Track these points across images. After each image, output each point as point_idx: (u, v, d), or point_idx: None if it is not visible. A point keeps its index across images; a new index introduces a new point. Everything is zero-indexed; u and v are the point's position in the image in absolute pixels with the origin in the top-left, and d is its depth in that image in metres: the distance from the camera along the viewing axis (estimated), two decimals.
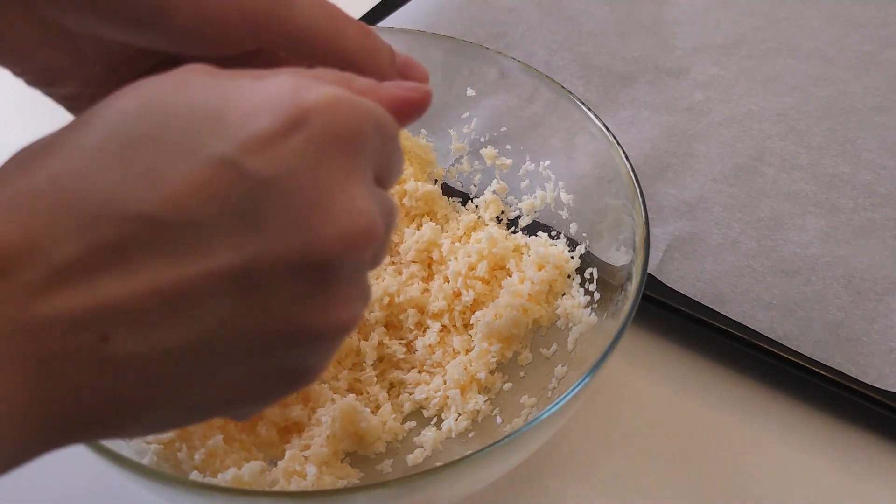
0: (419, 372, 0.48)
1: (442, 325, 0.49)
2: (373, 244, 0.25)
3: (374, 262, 0.27)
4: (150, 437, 0.41)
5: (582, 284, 0.48)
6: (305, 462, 0.42)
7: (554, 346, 0.47)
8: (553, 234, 0.51)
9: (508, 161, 0.53)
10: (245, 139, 0.23)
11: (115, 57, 0.33)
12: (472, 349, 0.47)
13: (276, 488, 0.41)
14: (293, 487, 0.41)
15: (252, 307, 0.24)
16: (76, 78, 0.32)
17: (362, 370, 0.47)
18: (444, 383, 0.46)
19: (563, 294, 0.48)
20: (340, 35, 0.32)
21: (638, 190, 0.44)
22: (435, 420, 0.46)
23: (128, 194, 0.22)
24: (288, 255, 0.24)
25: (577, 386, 0.37)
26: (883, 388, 0.47)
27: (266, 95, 0.24)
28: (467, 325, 0.49)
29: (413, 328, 0.49)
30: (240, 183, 0.23)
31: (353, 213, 0.24)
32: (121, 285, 0.22)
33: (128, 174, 0.23)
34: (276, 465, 0.42)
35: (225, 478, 0.40)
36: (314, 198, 0.24)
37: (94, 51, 0.32)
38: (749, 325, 0.49)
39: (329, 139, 0.24)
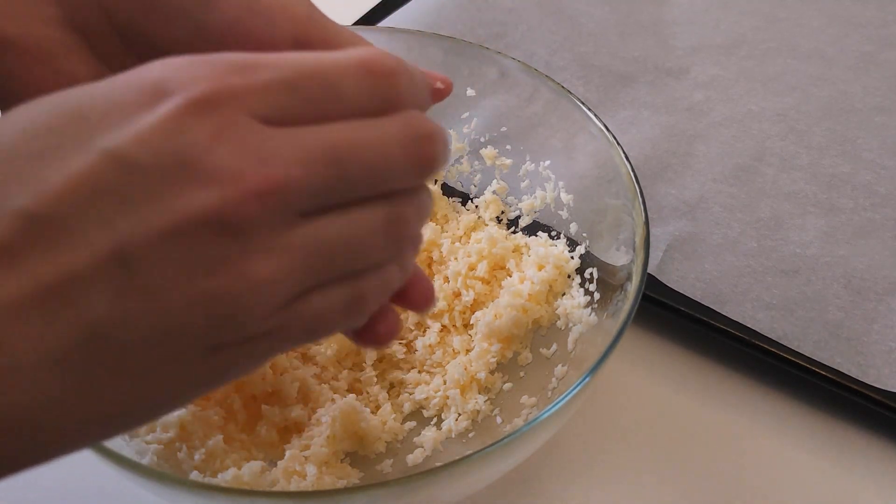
0: (419, 372, 0.48)
1: (442, 325, 0.49)
2: (272, 195, 0.24)
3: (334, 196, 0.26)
4: (150, 437, 0.41)
5: (582, 284, 0.48)
6: (305, 462, 0.42)
7: (554, 346, 0.47)
8: (553, 234, 0.51)
9: (508, 161, 0.53)
10: (106, 122, 0.24)
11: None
12: (472, 349, 0.47)
13: (276, 488, 0.41)
14: (293, 487, 0.41)
15: (137, 289, 0.23)
16: None
17: (362, 370, 0.47)
18: (444, 383, 0.46)
19: (563, 294, 0.48)
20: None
21: (638, 190, 0.44)
22: (435, 420, 0.46)
23: (9, 193, 0.23)
24: (161, 226, 0.23)
25: (577, 386, 0.37)
26: (883, 388, 0.47)
27: (126, 79, 0.25)
28: (467, 325, 0.49)
29: (413, 328, 0.49)
30: (108, 166, 0.23)
31: (224, 171, 0.24)
32: (5, 284, 0.22)
33: (9, 174, 0.23)
34: (276, 465, 0.42)
35: (225, 478, 0.40)
36: (178, 165, 0.23)
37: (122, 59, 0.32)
38: (749, 325, 0.49)
39: (188, 103, 0.24)
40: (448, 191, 0.55)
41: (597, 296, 0.46)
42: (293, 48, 0.31)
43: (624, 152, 0.46)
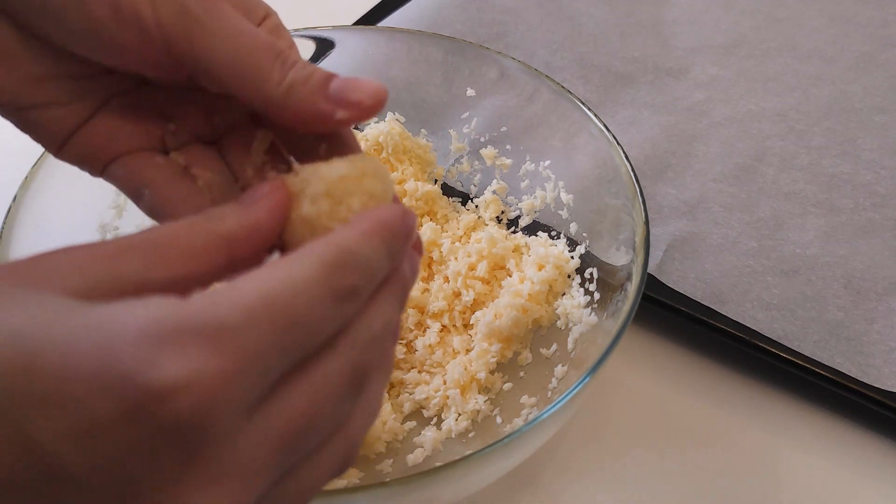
0: (419, 372, 0.48)
1: (442, 325, 0.49)
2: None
3: None
4: None
5: (582, 284, 0.48)
6: None
7: (554, 346, 0.47)
8: (553, 234, 0.51)
9: (508, 161, 0.53)
10: (63, 426, 0.20)
11: (82, 72, 0.31)
12: (472, 349, 0.47)
13: None
14: None
15: None
16: (55, 94, 0.31)
17: None
18: (444, 383, 0.46)
19: (563, 294, 0.48)
20: (256, 69, 0.29)
21: (638, 190, 0.44)
22: (435, 420, 0.46)
23: None
24: None
25: (577, 386, 0.37)
26: (883, 388, 0.47)
27: (105, 370, 0.20)
28: (467, 325, 0.49)
29: (413, 328, 0.49)
30: (40, 470, 0.20)
31: None
32: None
33: None
34: None
35: None
36: (120, 501, 0.21)
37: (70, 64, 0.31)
38: (749, 325, 0.49)
39: (164, 435, 0.20)
40: (448, 191, 0.55)
41: (597, 296, 0.46)
42: (164, 52, 0.29)
43: (624, 152, 0.46)
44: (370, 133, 0.53)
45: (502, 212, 0.53)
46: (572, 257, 0.49)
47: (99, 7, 0.28)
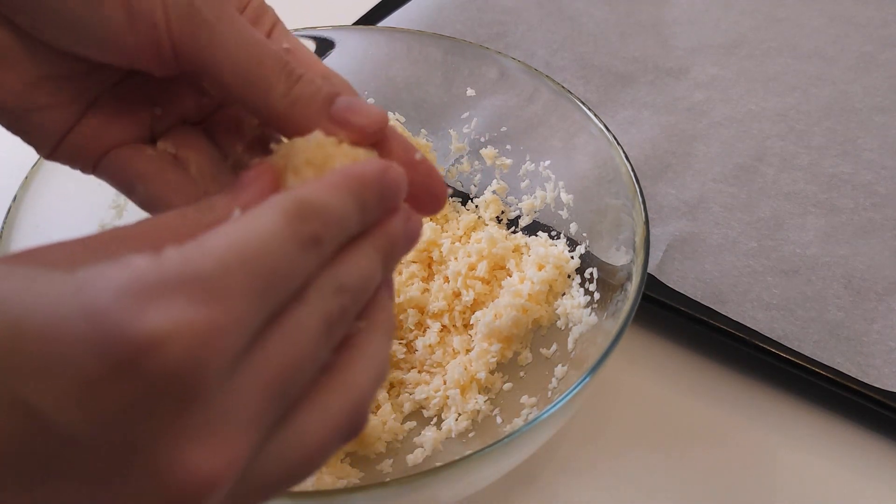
0: (419, 372, 0.48)
1: (442, 325, 0.49)
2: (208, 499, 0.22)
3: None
4: None
5: (582, 284, 0.48)
6: None
7: (554, 346, 0.47)
8: (553, 234, 0.51)
9: (508, 161, 0.53)
10: (56, 387, 0.20)
11: (74, 69, 0.31)
12: (472, 349, 0.47)
13: None
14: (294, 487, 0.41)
15: None
16: (54, 96, 0.31)
17: None
18: (444, 383, 0.46)
19: (563, 294, 0.48)
20: (262, 79, 0.29)
21: (638, 190, 0.44)
22: (435, 420, 0.46)
23: None
24: None
25: (577, 386, 0.37)
26: (883, 388, 0.47)
27: (91, 327, 0.20)
28: (467, 325, 0.49)
29: (413, 328, 0.49)
30: (40, 435, 0.20)
31: (166, 473, 0.21)
32: None
33: None
34: None
35: None
36: (121, 457, 0.21)
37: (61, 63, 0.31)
38: (749, 325, 0.49)
39: (156, 386, 0.20)
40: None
41: (597, 296, 0.46)
42: (171, 55, 0.29)
43: (624, 152, 0.46)
44: None
45: (502, 212, 0.53)
46: (572, 257, 0.49)
47: (113, 11, 0.28)
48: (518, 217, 0.53)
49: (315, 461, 0.25)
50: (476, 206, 0.54)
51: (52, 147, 0.31)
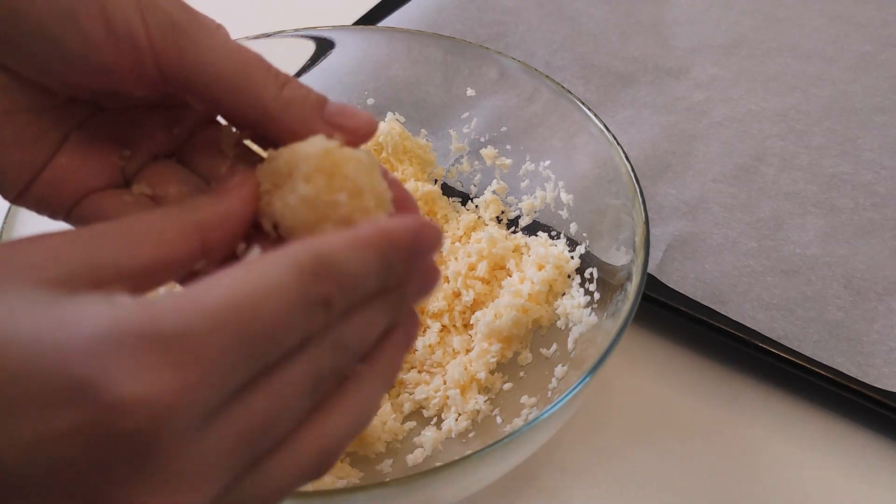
0: (419, 372, 0.48)
1: (442, 325, 0.49)
2: None
3: None
4: None
5: (582, 284, 0.48)
6: None
7: (554, 346, 0.47)
8: (553, 234, 0.51)
9: (508, 161, 0.53)
10: (17, 428, 0.20)
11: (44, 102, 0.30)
12: (472, 349, 0.47)
13: None
14: None
15: None
16: (18, 132, 0.29)
17: None
18: (444, 383, 0.46)
19: (563, 294, 0.48)
20: (251, 84, 0.28)
21: (638, 190, 0.44)
22: (435, 420, 0.46)
23: None
24: None
25: (577, 386, 0.37)
26: (883, 388, 0.47)
27: (64, 375, 0.20)
28: (467, 325, 0.49)
29: None
30: None
31: None
32: None
33: None
34: None
35: None
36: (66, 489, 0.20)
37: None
38: (749, 325, 0.49)
39: (118, 443, 0.20)
40: (448, 191, 0.55)
41: (597, 296, 0.46)
42: (154, 68, 0.28)
43: (624, 152, 0.46)
44: None
45: (502, 212, 0.53)
46: (572, 257, 0.49)
47: (92, 25, 0.27)
48: (518, 217, 0.53)
49: (270, 503, 0.25)
50: (476, 206, 0.54)
51: (20, 190, 0.30)
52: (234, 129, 0.32)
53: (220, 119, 0.32)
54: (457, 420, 0.45)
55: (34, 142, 0.29)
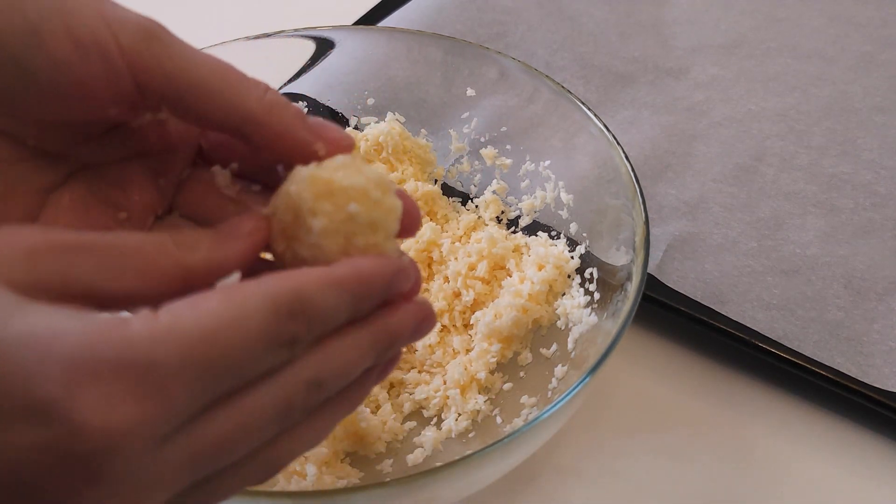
0: (419, 372, 0.48)
1: (442, 325, 0.49)
2: None
3: None
4: None
5: (582, 284, 0.48)
6: (305, 462, 0.42)
7: (554, 346, 0.47)
8: (553, 234, 0.51)
9: (508, 161, 0.53)
10: None
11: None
12: (472, 349, 0.47)
13: (276, 488, 0.41)
14: (293, 487, 0.41)
15: None
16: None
17: None
18: (444, 383, 0.46)
19: (563, 294, 0.48)
20: (233, 88, 0.28)
21: (638, 190, 0.44)
22: (435, 420, 0.46)
23: None
24: None
25: (578, 386, 0.37)
26: (883, 388, 0.47)
27: (30, 395, 0.20)
28: (467, 325, 0.49)
29: None
30: None
31: None
32: None
33: None
34: None
35: None
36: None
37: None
38: (749, 326, 0.49)
39: (73, 462, 0.21)
40: (448, 191, 0.55)
41: (597, 296, 0.46)
42: (130, 82, 0.27)
43: (624, 152, 0.46)
44: (370, 133, 0.53)
45: (502, 212, 0.53)
46: (572, 257, 0.49)
47: (56, 40, 0.26)
48: (518, 217, 0.53)
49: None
50: (476, 206, 0.54)
51: None
52: (224, 169, 0.32)
53: (217, 168, 0.32)
54: (457, 420, 0.45)
55: (12, 196, 0.29)
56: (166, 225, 0.32)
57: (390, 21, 0.67)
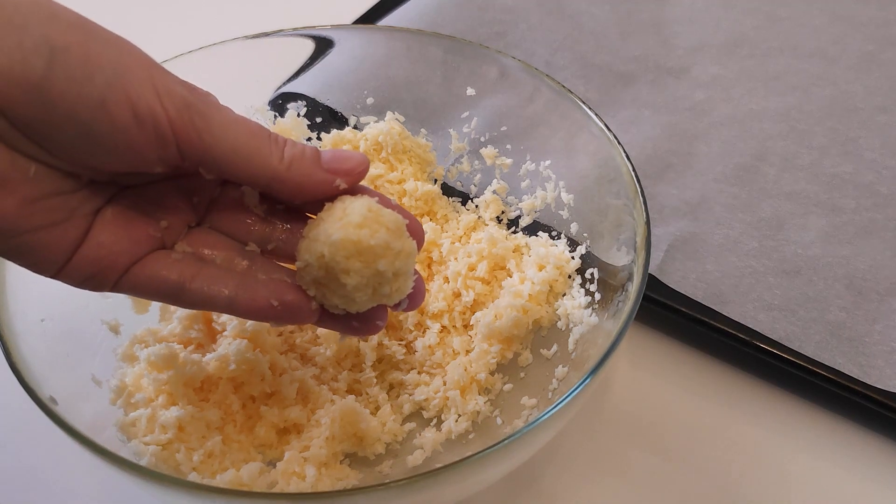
0: (419, 373, 0.47)
1: (442, 326, 0.49)
2: None
3: None
4: (148, 438, 0.41)
5: (583, 285, 0.47)
6: (304, 463, 0.42)
7: (554, 347, 0.47)
8: (553, 234, 0.51)
9: (508, 161, 0.53)
10: None
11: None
12: (472, 350, 0.47)
13: (275, 490, 0.41)
14: (292, 489, 0.41)
15: None
16: (50, 214, 0.31)
17: (362, 371, 0.47)
18: (444, 384, 0.46)
19: (564, 294, 0.48)
20: (259, 152, 0.33)
21: (639, 190, 0.44)
22: (435, 421, 0.46)
23: None
24: None
25: (578, 387, 0.37)
26: (884, 388, 0.47)
27: None
28: (467, 326, 0.49)
29: (413, 329, 0.49)
30: None
31: None
32: None
33: None
34: (275, 466, 0.42)
35: (223, 479, 0.40)
36: None
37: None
38: (750, 326, 0.49)
39: None
40: (448, 191, 0.54)
41: (598, 296, 0.46)
42: (174, 148, 0.31)
43: (625, 152, 0.46)
44: (370, 133, 0.53)
45: (502, 212, 0.53)
46: (573, 257, 0.49)
47: (118, 112, 0.29)
48: (518, 217, 0.52)
49: None
50: (476, 206, 0.54)
51: (58, 267, 0.32)
52: (248, 189, 0.37)
53: (247, 188, 0.36)
54: (457, 421, 0.45)
55: (63, 223, 0.32)
56: (197, 233, 0.36)
57: (390, 20, 0.67)
